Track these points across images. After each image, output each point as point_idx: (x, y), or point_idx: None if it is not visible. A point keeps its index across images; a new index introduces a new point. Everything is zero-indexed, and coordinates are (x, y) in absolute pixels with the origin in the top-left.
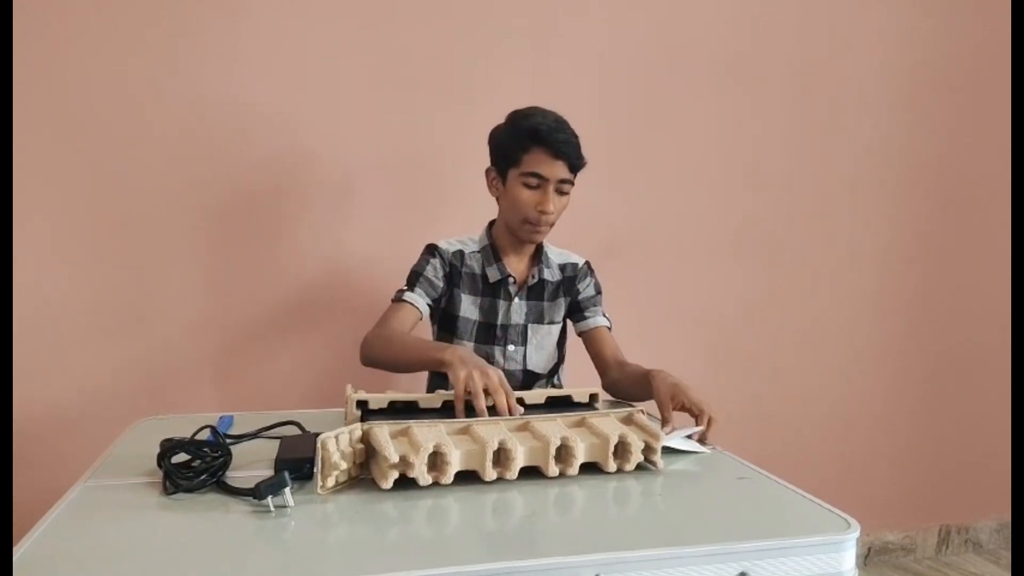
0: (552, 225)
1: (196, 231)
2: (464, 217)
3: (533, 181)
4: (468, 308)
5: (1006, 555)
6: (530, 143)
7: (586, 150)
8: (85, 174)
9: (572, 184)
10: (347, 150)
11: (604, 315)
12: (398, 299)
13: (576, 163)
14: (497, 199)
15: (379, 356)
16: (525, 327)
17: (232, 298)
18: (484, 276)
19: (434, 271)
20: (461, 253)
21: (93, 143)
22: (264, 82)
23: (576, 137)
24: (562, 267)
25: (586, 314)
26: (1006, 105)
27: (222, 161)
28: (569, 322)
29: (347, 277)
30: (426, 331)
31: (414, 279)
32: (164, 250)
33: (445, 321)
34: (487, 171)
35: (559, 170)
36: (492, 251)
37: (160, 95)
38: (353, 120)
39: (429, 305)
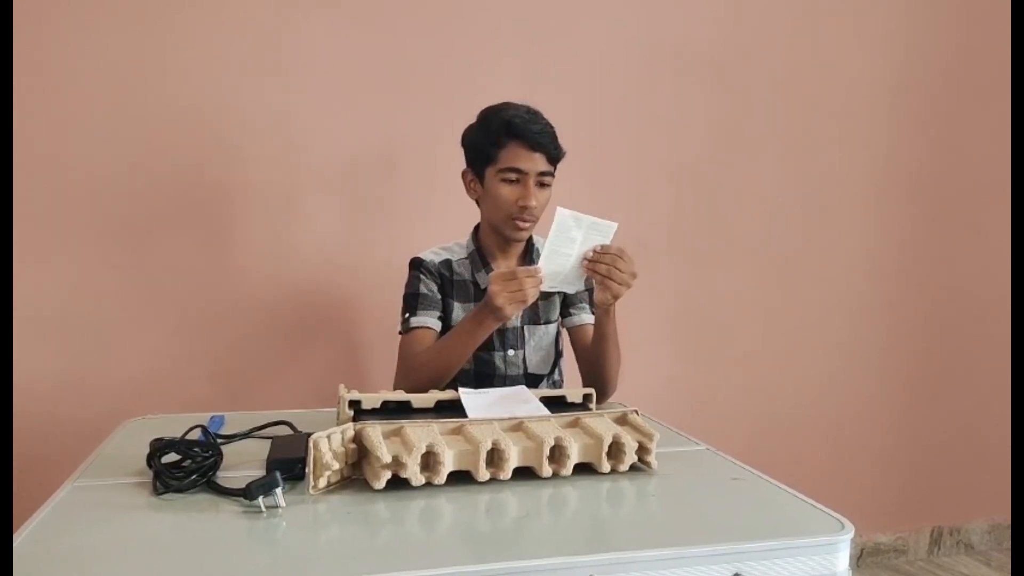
0: (537, 219)
1: (187, 231)
2: (455, 217)
3: (512, 176)
4: (461, 316)
5: (997, 556)
6: (505, 138)
7: (575, 151)
8: (74, 174)
9: (553, 176)
10: (340, 151)
11: (593, 312)
12: (407, 329)
13: (555, 154)
14: (477, 201)
15: (427, 376)
16: (522, 329)
17: (224, 298)
18: (475, 282)
19: (427, 287)
20: (448, 262)
21: (85, 143)
22: (253, 80)
23: (551, 127)
24: None
25: (572, 311)
26: (993, 108)
27: (213, 161)
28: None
29: (339, 278)
30: None
31: (413, 301)
32: (154, 250)
33: (441, 332)
34: (463, 173)
35: (538, 163)
36: (480, 256)
37: (145, 95)
38: (347, 121)
39: (440, 318)
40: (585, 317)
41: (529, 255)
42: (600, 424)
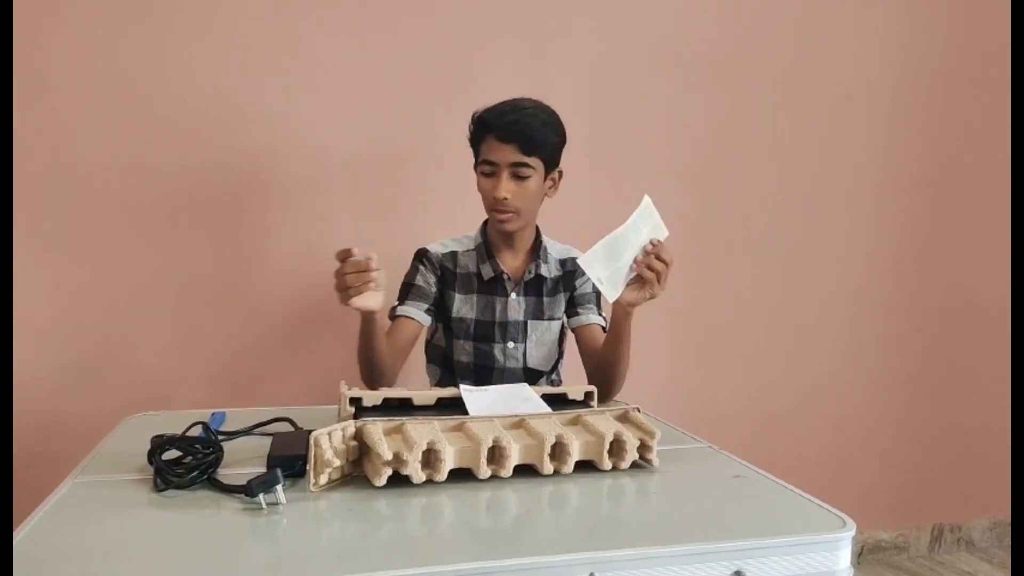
0: (519, 212)
1: (188, 229)
2: (457, 216)
3: (487, 168)
4: (463, 308)
5: (999, 553)
6: (481, 132)
7: (575, 151)
8: (74, 173)
9: (532, 168)
10: (341, 150)
11: (600, 314)
12: (392, 317)
13: (529, 146)
14: None
15: (363, 373)
16: (524, 323)
17: (225, 295)
18: (479, 274)
19: (423, 278)
20: (454, 254)
21: (85, 141)
22: (255, 77)
23: (532, 119)
24: (562, 262)
25: (579, 311)
26: (993, 107)
27: (215, 158)
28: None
29: None
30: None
31: (405, 291)
32: (155, 248)
33: (444, 322)
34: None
35: (509, 154)
36: (485, 248)
37: (147, 94)
38: (348, 121)
39: (429, 310)
40: (592, 317)
41: (537, 253)
42: (601, 422)
